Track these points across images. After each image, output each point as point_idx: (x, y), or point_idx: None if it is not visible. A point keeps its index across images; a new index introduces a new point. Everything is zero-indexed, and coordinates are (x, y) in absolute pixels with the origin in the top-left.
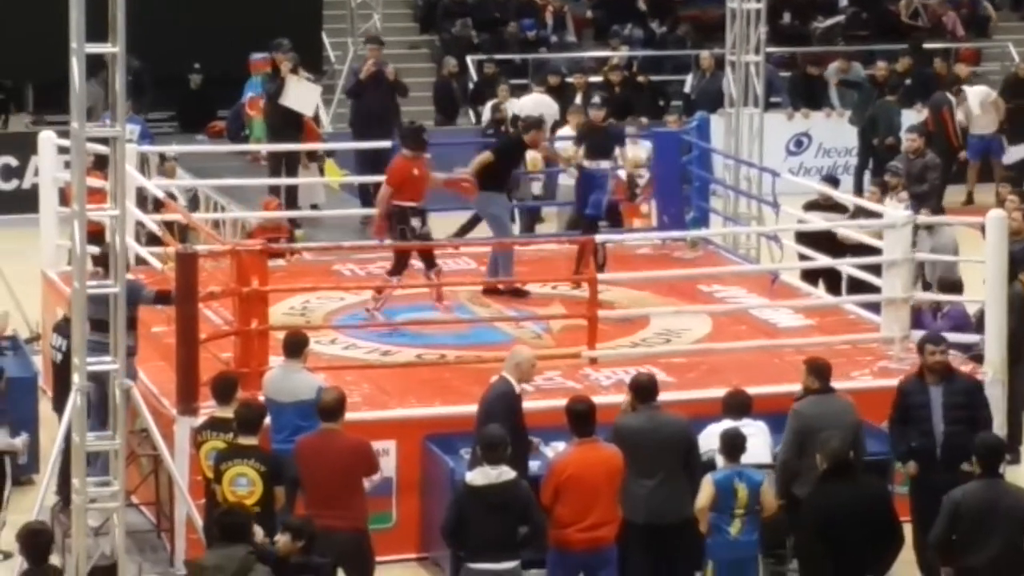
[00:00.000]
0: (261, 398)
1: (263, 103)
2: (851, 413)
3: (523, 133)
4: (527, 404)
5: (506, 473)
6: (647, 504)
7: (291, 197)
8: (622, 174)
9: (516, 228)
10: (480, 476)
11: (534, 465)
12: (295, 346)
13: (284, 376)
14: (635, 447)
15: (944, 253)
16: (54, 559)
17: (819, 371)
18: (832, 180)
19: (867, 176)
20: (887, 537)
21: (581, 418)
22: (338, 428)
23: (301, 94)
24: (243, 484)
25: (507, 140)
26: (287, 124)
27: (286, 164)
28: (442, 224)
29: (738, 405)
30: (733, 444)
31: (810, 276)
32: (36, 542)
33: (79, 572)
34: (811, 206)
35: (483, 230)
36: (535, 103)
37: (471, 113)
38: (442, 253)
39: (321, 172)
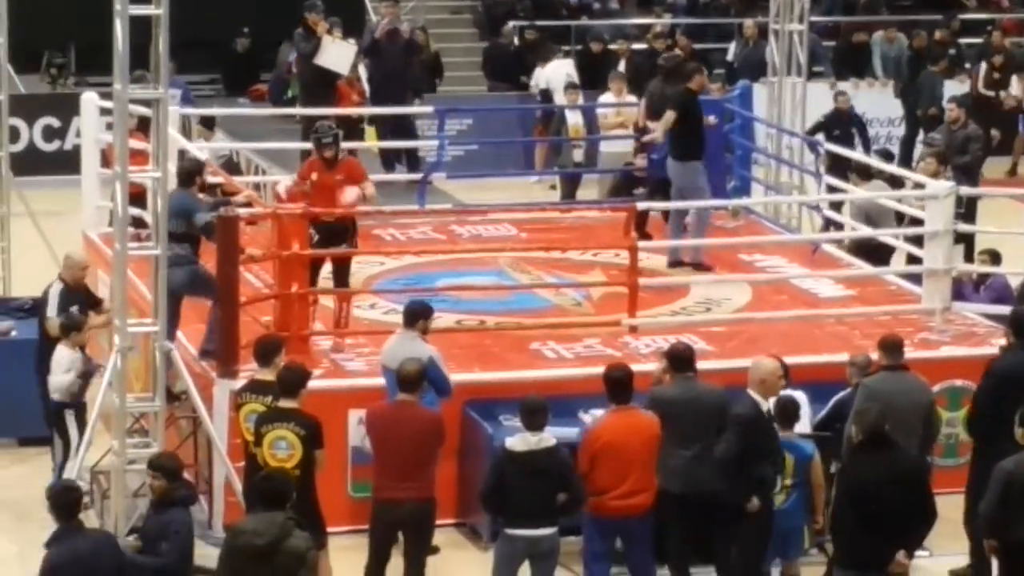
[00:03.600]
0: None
1: (297, 62)
2: (923, 391)
3: (687, 81)
4: (566, 371)
5: (546, 440)
6: (684, 474)
7: None
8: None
9: (558, 194)
10: (520, 442)
11: (572, 432)
12: (412, 315)
13: (399, 344)
14: (672, 417)
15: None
16: (93, 520)
17: (891, 347)
18: (886, 155)
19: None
20: (920, 511)
21: (619, 385)
22: (414, 400)
23: (337, 53)
24: (283, 447)
25: (679, 95)
26: (321, 84)
27: None
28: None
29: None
30: (787, 412)
31: (862, 252)
32: (67, 499)
33: (118, 532)
34: (862, 175)
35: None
36: (556, 69)
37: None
38: (482, 219)
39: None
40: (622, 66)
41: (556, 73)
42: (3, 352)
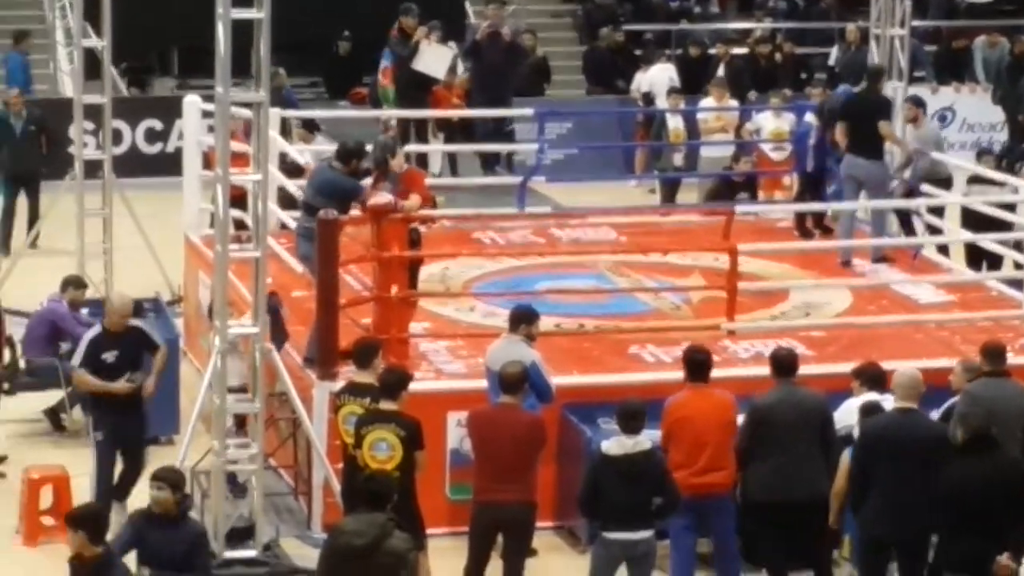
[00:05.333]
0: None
1: (393, 68)
2: None
3: (871, 81)
4: (664, 375)
5: (642, 443)
6: (782, 480)
7: (421, 165)
8: (765, 147)
9: (658, 198)
10: (616, 446)
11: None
12: (517, 319)
13: (504, 347)
14: (771, 422)
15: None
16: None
17: (993, 353)
18: (990, 155)
19: None
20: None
21: (697, 366)
22: (516, 403)
23: (434, 58)
24: (383, 449)
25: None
26: (418, 88)
27: (416, 131)
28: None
29: (875, 378)
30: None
31: (974, 259)
32: (96, 524)
33: (217, 533)
34: (973, 180)
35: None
36: (659, 73)
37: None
38: (581, 223)
39: (452, 141)
40: (721, 71)
41: (658, 77)
42: None
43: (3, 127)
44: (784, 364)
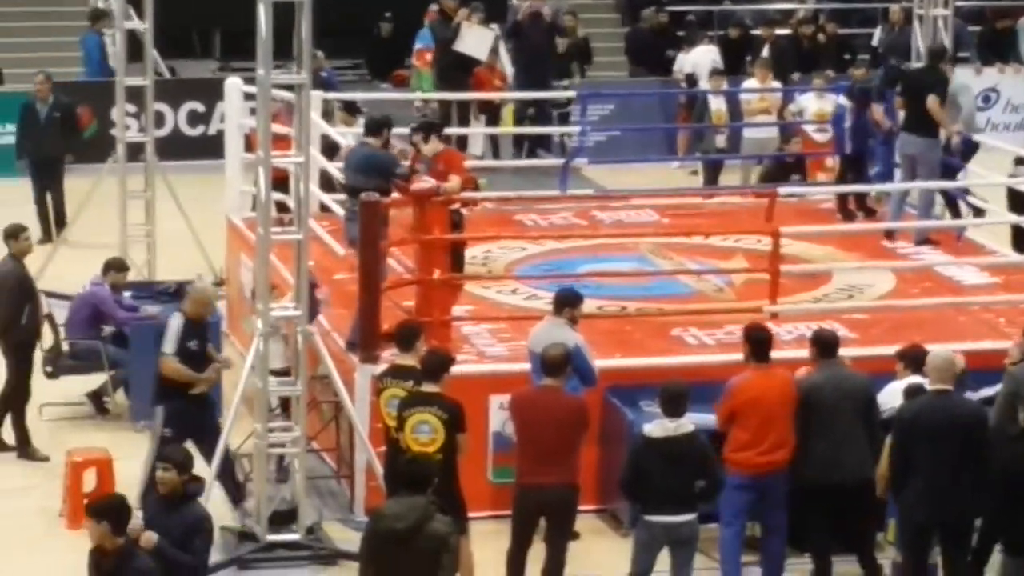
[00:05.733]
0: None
1: (434, 50)
2: None
3: (931, 59)
4: (707, 357)
5: (684, 426)
6: (826, 461)
7: (460, 147)
8: (808, 128)
9: (700, 180)
10: (658, 428)
11: (712, 419)
12: (561, 302)
13: (547, 330)
14: (816, 403)
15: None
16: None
17: None
18: None
19: None
20: None
21: (759, 344)
22: (558, 385)
23: (476, 39)
24: (425, 431)
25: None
26: (460, 70)
27: (458, 113)
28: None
29: (918, 360)
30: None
31: (1020, 241)
32: (119, 516)
33: (260, 516)
34: (1020, 161)
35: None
36: (702, 54)
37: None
38: (623, 205)
39: (494, 123)
40: (766, 51)
41: (701, 59)
42: (148, 336)
43: (28, 113)
44: (828, 344)
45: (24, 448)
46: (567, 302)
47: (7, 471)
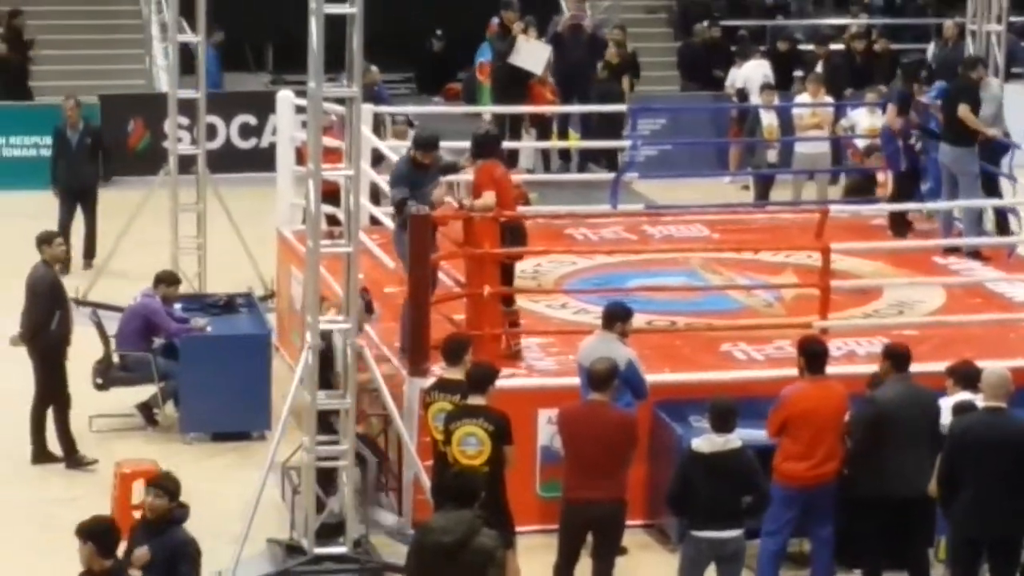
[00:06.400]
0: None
1: (492, 63)
2: None
3: (964, 69)
4: (756, 373)
5: (732, 441)
6: (899, 476)
7: (513, 161)
8: (860, 143)
9: (751, 195)
10: (706, 443)
11: (761, 435)
12: (611, 317)
13: (597, 344)
14: (891, 417)
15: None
16: (284, 513)
17: None
18: None
19: None
20: None
21: (815, 357)
22: (605, 400)
23: (531, 53)
24: (472, 444)
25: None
26: (515, 83)
27: (510, 127)
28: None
29: (969, 377)
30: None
31: None
32: (105, 538)
33: (308, 528)
34: None
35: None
36: (754, 69)
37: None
38: (673, 220)
39: (545, 137)
40: (819, 67)
41: (753, 73)
42: (197, 348)
43: (60, 140)
44: (901, 357)
45: (71, 456)
46: (618, 316)
47: (55, 482)
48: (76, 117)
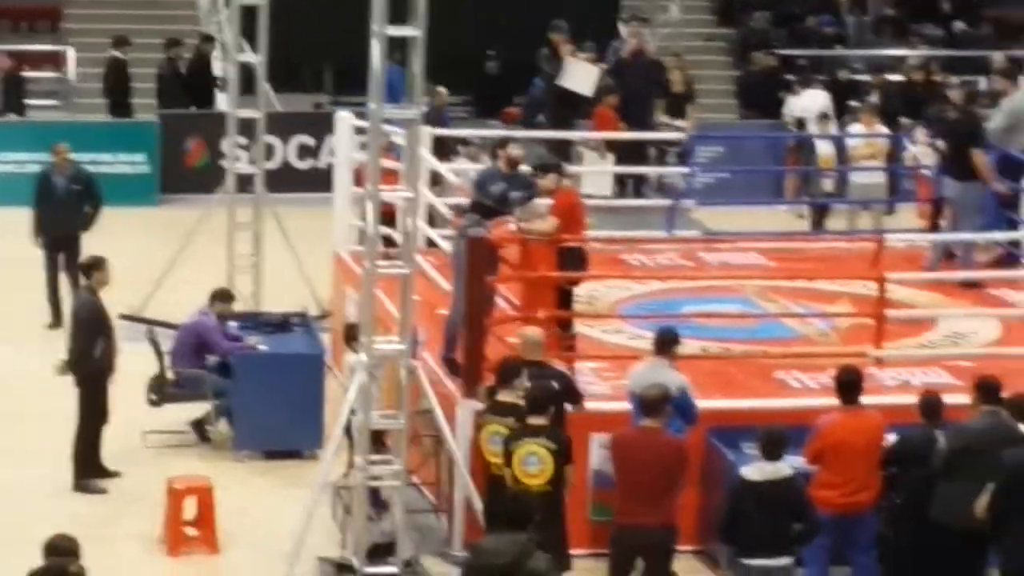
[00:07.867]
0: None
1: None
2: None
3: (966, 102)
4: (810, 401)
5: (782, 469)
6: (964, 507)
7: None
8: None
9: (807, 224)
10: (756, 471)
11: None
12: (663, 343)
13: (650, 371)
14: (977, 450)
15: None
16: (335, 534)
17: None
18: None
19: None
20: None
21: (848, 386)
22: (657, 426)
23: (580, 75)
24: (533, 463)
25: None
26: (565, 105)
27: (560, 151)
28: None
29: (990, 391)
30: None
31: None
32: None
33: (358, 548)
34: None
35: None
36: (812, 98)
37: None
38: (729, 247)
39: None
40: (875, 97)
41: (810, 102)
42: (251, 366)
43: (44, 185)
44: (991, 390)
45: (80, 480)
46: (671, 342)
47: (106, 496)
48: (65, 162)
